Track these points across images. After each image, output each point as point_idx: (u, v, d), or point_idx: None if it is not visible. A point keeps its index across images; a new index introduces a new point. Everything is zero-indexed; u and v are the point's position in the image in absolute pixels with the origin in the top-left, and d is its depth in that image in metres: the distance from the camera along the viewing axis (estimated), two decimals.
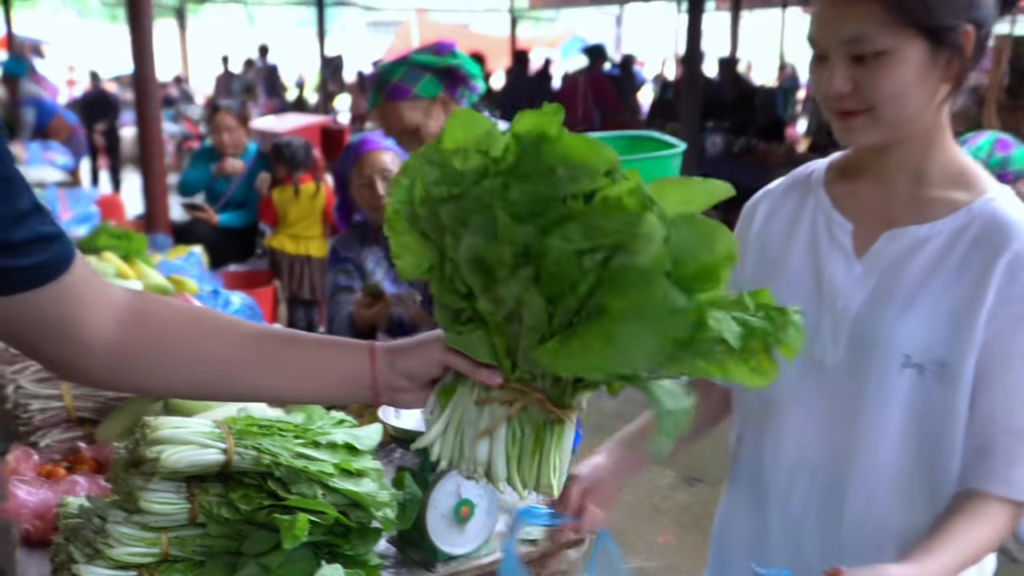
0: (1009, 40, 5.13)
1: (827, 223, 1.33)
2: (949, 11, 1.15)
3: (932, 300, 1.23)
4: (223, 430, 1.50)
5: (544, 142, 0.90)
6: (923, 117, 1.21)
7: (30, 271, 0.92)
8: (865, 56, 1.17)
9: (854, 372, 1.27)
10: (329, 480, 1.51)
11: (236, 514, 1.47)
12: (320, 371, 1.07)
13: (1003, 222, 1.20)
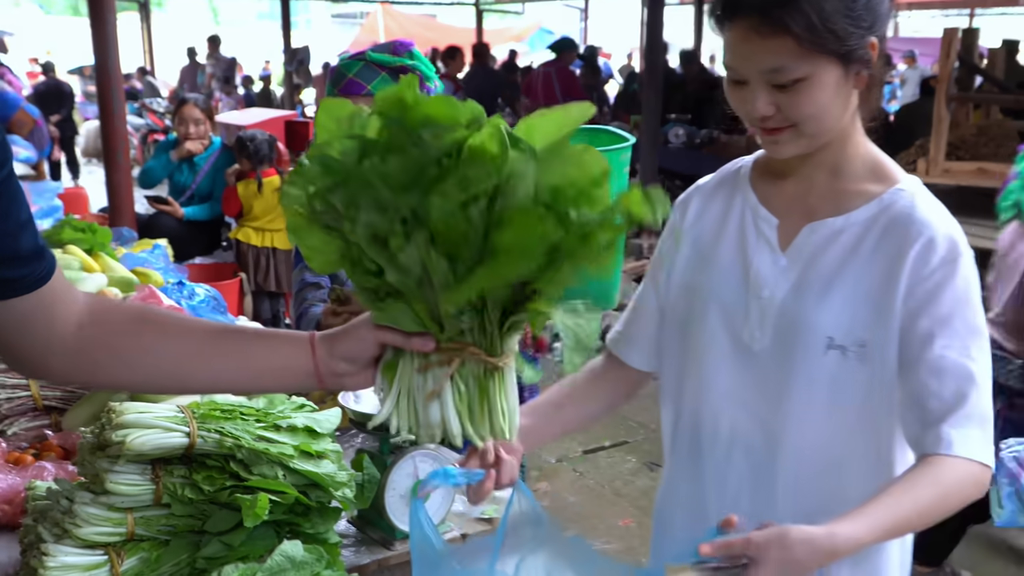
0: (958, 33, 5.26)
1: (754, 219, 1.42)
2: (856, 33, 1.23)
3: (850, 285, 1.31)
4: (186, 414, 1.56)
5: (404, 110, 0.95)
6: (839, 123, 1.31)
7: (26, 279, 0.99)
8: (785, 83, 1.25)
9: (781, 356, 1.36)
10: (289, 461, 1.58)
11: (199, 495, 1.53)
12: (265, 364, 1.15)
13: (912, 210, 1.30)
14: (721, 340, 1.41)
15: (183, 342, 1.13)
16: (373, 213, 0.97)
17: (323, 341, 1.14)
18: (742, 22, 1.24)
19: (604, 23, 24.56)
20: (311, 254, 1.06)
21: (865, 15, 1.23)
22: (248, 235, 5.29)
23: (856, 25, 1.23)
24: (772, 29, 1.22)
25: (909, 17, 28.08)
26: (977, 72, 5.60)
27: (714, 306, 1.42)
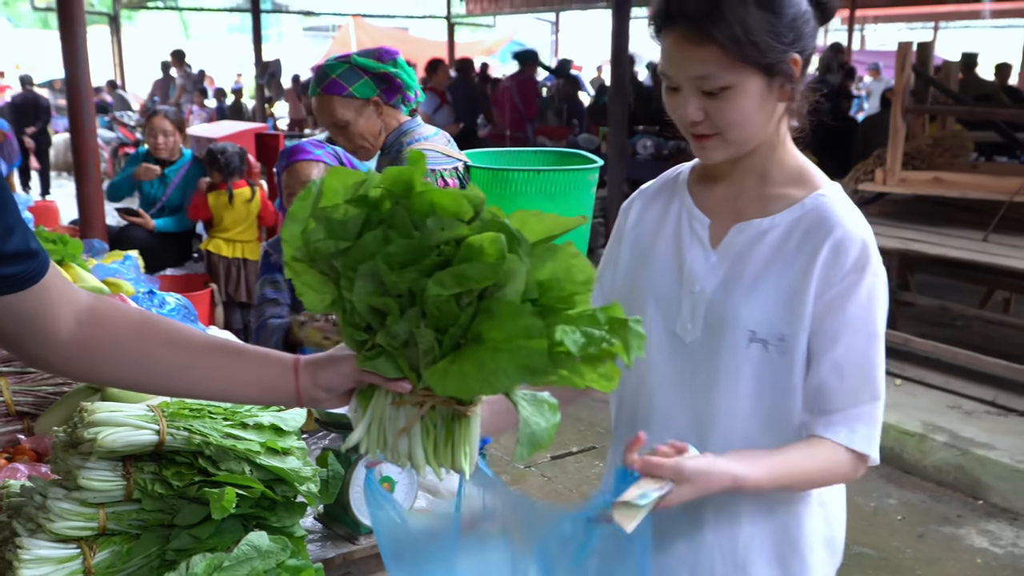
0: (912, 46, 5.41)
1: (689, 219, 1.52)
2: (779, 48, 1.32)
3: (772, 283, 1.41)
4: (156, 413, 1.62)
5: (411, 193, 1.05)
6: (765, 133, 1.40)
7: (16, 277, 1.08)
8: (713, 91, 1.35)
9: (710, 348, 1.46)
10: (256, 457, 1.65)
11: (169, 490, 1.59)
12: (252, 380, 1.23)
13: (828, 214, 1.40)
14: (657, 332, 1.50)
15: (178, 350, 1.21)
16: (371, 283, 1.05)
17: (307, 368, 1.21)
18: (675, 31, 1.35)
19: (575, 36, 24.77)
20: (304, 290, 1.13)
21: (787, 32, 1.32)
22: (219, 246, 5.33)
23: (779, 40, 1.32)
24: (701, 38, 1.31)
25: (875, 30, 28.53)
26: (931, 84, 5.75)
27: (651, 300, 1.52)
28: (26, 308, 1.11)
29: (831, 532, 1.51)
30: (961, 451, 4.38)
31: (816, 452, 1.38)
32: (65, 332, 1.16)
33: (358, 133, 2.75)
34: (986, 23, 20.42)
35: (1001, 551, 3.84)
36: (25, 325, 1.13)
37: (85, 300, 1.19)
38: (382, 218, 1.06)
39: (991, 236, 4.99)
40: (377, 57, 2.69)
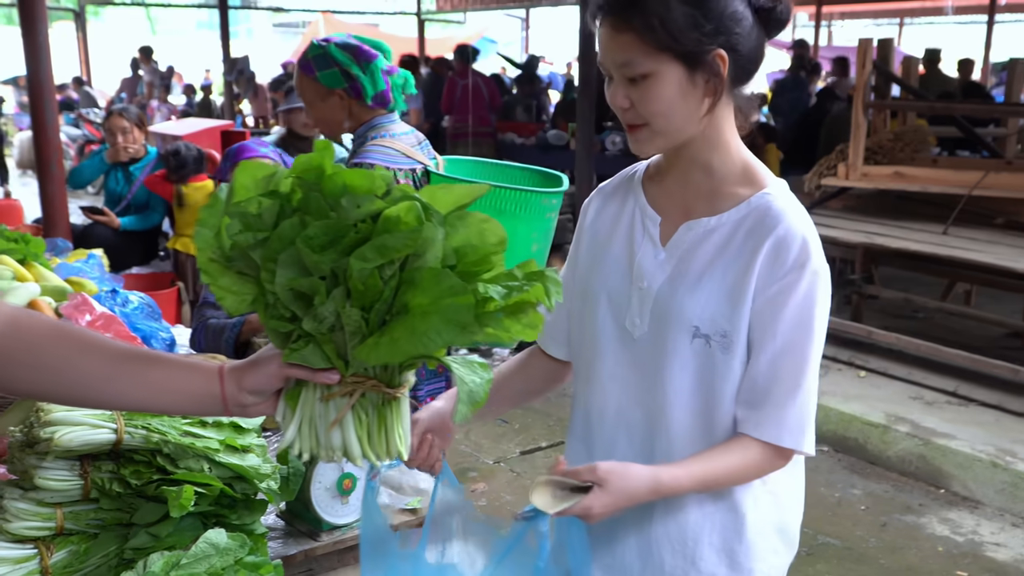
0: (873, 43, 5.47)
1: (642, 217, 1.55)
2: (694, 37, 1.35)
3: (716, 280, 1.44)
4: (113, 412, 1.62)
5: (323, 179, 1.07)
6: (692, 125, 1.42)
7: None
8: (636, 78, 1.38)
9: (656, 342, 1.49)
10: (215, 455, 1.65)
11: (127, 488, 1.59)
12: (176, 389, 1.22)
13: (771, 212, 1.42)
14: (608, 327, 1.53)
15: (100, 361, 1.20)
16: (293, 269, 1.07)
17: (231, 374, 1.21)
18: (604, 21, 1.39)
19: (545, 32, 24.79)
20: (223, 294, 1.14)
21: (707, 24, 1.34)
22: (186, 244, 5.30)
23: (698, 31, 1.34)
24: (622, 26, 1.36)
25: (842, 27, 28.78)
26: (892, 80, 5.83)
27: (603, 296, 1.55)
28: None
29: (783, 520, 1.54)
30: (923, 441, 4.45)
31: (736, 449, 1.42)
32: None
33: (317, 117, 2.79)
34: (949, 19, 20.66)
35: (962, 539, 3.91)
36: None
37: (4, 312, 1.17)
38: (296, 207, 1.08)
39: (951, 229, 5.07)
40: (353, 54, 2.69)
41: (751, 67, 1.42)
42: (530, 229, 2.64)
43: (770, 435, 1.41)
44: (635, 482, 1.32)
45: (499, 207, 2.58)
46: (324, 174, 1.07)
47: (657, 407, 1.49)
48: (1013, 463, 4.18)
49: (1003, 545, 3.86)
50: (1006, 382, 4.89)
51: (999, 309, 6.13)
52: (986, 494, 4.20)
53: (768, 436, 1.41)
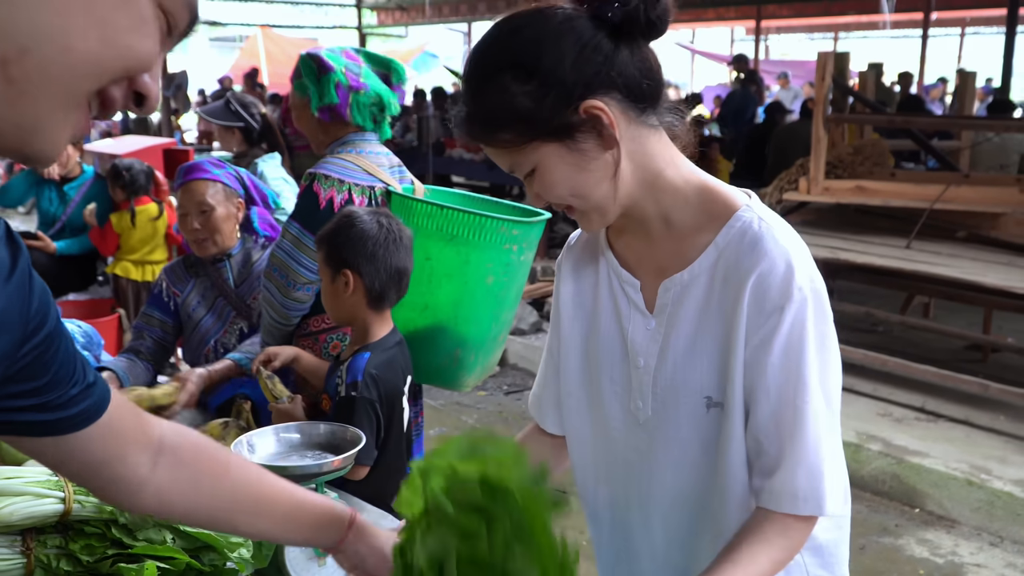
0: (832, 56, 5.44)
1: (619, 282, 1.35)
2: (546, 112, 1.17)
3: (709, 340, 1.26)
4: (61, 478, 1.42)
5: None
6: (613, 188, 1.23)
7: (75, 418, 0.99)
8: (528, 174, 1.24)
9: (666, 423, 1.31)
10: (179, 524, 1.45)
11: (77, 566, 1.39)
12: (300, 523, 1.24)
13: (745, 248, 1.22)
14: (616, 412, 1.37)
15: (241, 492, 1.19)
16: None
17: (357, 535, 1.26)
18: (469, 138, 1.27)
19: None
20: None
21: (551, 90, 1.16)
22: (127, 269, 5.03)
23: (547, 103, 1.17)
24: (482, 141, 1.24)
25: (778, 40, 29.31)
26: (850, 94, 5.81)
27: (606, 379, 1.38)
28: (89, 446, 1.02)
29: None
30: (896, 460, 4.38)
31: (769, 535, 1.22)
32: (135, 478, 1.09)
33: (300, 125, 2.72)
34: (884, 33, 21.10)
35: (942, 560, 3.83)
36: (90, 464, 1.04)
37: (159, 434, 1.12)
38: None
39: (913, 243, 5.04)
40: (316, 63, 2.58)
41: (646, 87, 1.21)
42: (484, 259, 2.47)
43: (786, 505, 1.21)
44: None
45: (451, 232, 2.42)
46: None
47: (672, 487, 1.34)
48: (988, 480, 4.13)
49: (984, 566, 3.79)
50: (972, 397, 4.86)
51: (957, 321, 6.14)
52: (962, 513, 4.13)
53: (785, 507, 1.21)
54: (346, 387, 2.09)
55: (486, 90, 1.20)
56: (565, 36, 1.17)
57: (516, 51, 1.19)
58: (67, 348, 0.96)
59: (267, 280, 2.49)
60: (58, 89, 0.70)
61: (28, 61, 0.67)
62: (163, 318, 2.86)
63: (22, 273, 0.87)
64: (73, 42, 0.69)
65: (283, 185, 3.96)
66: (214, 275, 2.82)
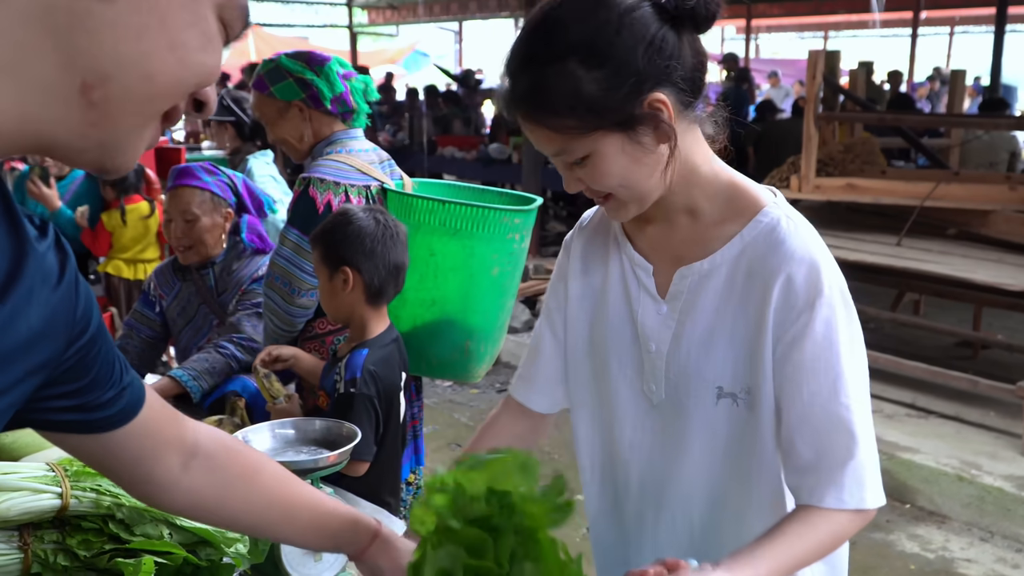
0: (822, 55, 5.46)
1: (632, 266, 1.36)
2: (616, 102, 1.16)
3: (728, 331, 1.27)
4: (58, 473, 1.42)
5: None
6: (659, 181, 1.24)
7: (113, 417, 1.00)
8: (576, 161, 1.22)
9: (678, 409, 1.32)
10: (176, 519, 1.46)
11: (75, 561, 1.40)
12: (325, 531, 1.24)
13: (773, 245, 1.24)
14: (625, 393, 1.38)
15: (278, 506, 1.20)
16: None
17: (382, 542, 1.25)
18: (518, 116, 1.23)
19: (478, 45, 24.73)
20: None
21: (624, 79, 1.16)
22: (119, 268, 5.02)
23: (619, 92, 1.16)
24: (536, 122, 1.21)
25: (769, 39, 29.37)
26: (840, 92, 5.84)
27: (614, 360, 1.38)
28: (125, 444, 1.04)
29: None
30: (887, 455, 4.40)
31: (811, 524, 1.22)
32: (168, 478, 1.10)
33: (278, 136, 2.64)
34: (873, 32, 21.18)
35: (932, 556, 3.86)
36: (125, 463, 1.06)
37: (196, 437, 1.13)
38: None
39: (904, 240, 5.06)
40: (305, 61, 2.55)
41: (697, 82, 1.22)
42: (489, 251, 2.47)
43: (829, 500, 1.22)
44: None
45: (454, 226, 2.42)
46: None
47: (688, 476, 1.34)
48: (978, 476, 4.15)
49: (974, 561, 3.82)
50: (963, 393, 4.88)
51: (947, 318, 6.17)
52: (952, 508, 4.16)
53: (828, 502, 1.22)
54: (345, 384, 2.10)
55: (549, 72, 1.16)
56: (636, 25, 1.15)
57: (586, 35, 1.15)
58: (107, 350, 0.97)
59: (269, 289, 2.48)
60: (139, 110, 0.73)
61: (110, 87, 0.70)
62: (154, 317, 2.88)
63: (70, 279, 0.88)
64: (153, 67, 0.71)
65: (270, 183, 3.96)
66: (198, 281, 2.83)
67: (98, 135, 0.72)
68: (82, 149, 0.73)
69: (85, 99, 0.69)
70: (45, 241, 0.85)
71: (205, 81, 0.77)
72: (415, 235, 2.38)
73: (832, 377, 1.21)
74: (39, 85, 0.68)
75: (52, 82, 0.68)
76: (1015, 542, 3.93)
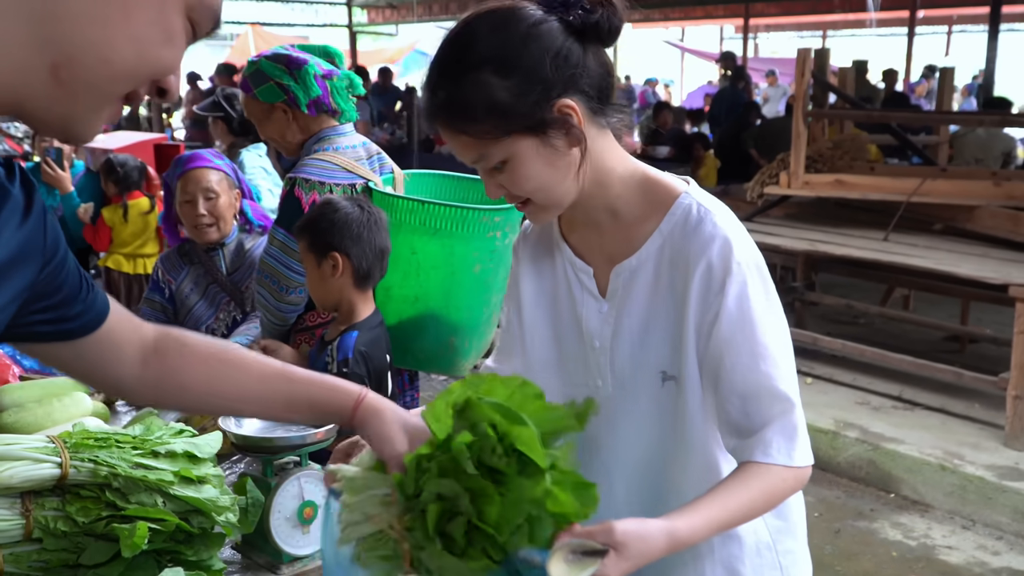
0: (811, 53, 5.54)
1: (573, 270, 1.45)
2: (526, 107, 1.24)
3: (661, 320, 1.36)
4: (58, 445, 1.50)
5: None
6: (574, 183, 1.32)
7: (86, 326, 1.15)
8: (495, 167, 1.30)
9: (626, 398, 1.41)
10: (169, 488, 1.54)
11: (74, 527, 1.47)
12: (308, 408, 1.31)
13: (687, 235, 1.32)
14: (573, 390, 1.45)
15: (242, 384, 1.28)
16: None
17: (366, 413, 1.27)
18: (437, 126, 1.31)
19: None
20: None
21: (533, 86, 1.24)
22: (119, 263, 5.10)
23: (528, 99, 1.24)
24: (453, 129, 1.28)
25: (767, 39, 29.41)
26: (830, 90, 5.91)
27: (569, 363, 1.48)
28: (89, 349, 1.17)
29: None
30: (872, 446, 4.48)
31: (744, 480, 1.30)
32: (130, 373, 1.23)
33: (266, 135, 2.72)
34: (871, 31, 21.24)
35: (915, 543, 3.94)
36: (90, 366, 1.20)
37: (149, 335, 1.25)
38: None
39: (891, 236, 5.14)
40: (285, 63, 2.60)
41: (604, 90, 1.31)
42: (470, 249, 2.53)
43: (758, 455, 1.31)
44: (653, 542, 1.19)
45: (434, 225, 2.47)
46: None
47: (636, 455, 1.43)
48: (961, 466, 4.23)
49: (955, 548, 3.90)
50: (949, 385, 4.96)
51: (936, 313, 6.24)
52: (935, 497, 4.24)
53: (757, 456, 1.31)
54: (337, 365, 2.18)
55: (464, 82, 1.25)
56: (543, 37, 1.25)
57: (497, 47, 1.25)
58: (74, 270, 1.10)
59: (260, 286, 2.56)
60: (98, 91, 0.84)
61: (74, 67, 0.81)
62: (165, 303, 2.97)
63: (38, 210, 1.01)
64: (112, 54, 0.82)
65: (261, 175, 4.05)
66: (207, 263, 2.91)
67: (62, 109, 0.83)
68: (47, 120, 0.84)
69: (54, 78, 0.80)
70: (14, 179, 0.97)
71: (161, 73, 0.87)
72: (397, 233, 2.44)
73: (749, 348, 1.29)
74: (16, 64, 0.79)
75: (27, 62, 0.79)
76: (995, 530, 4.02)
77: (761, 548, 1.45)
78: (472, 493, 1.09)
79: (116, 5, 0.81)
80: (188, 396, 1.29)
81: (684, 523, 1.23)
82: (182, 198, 2.84)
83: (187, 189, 2.83)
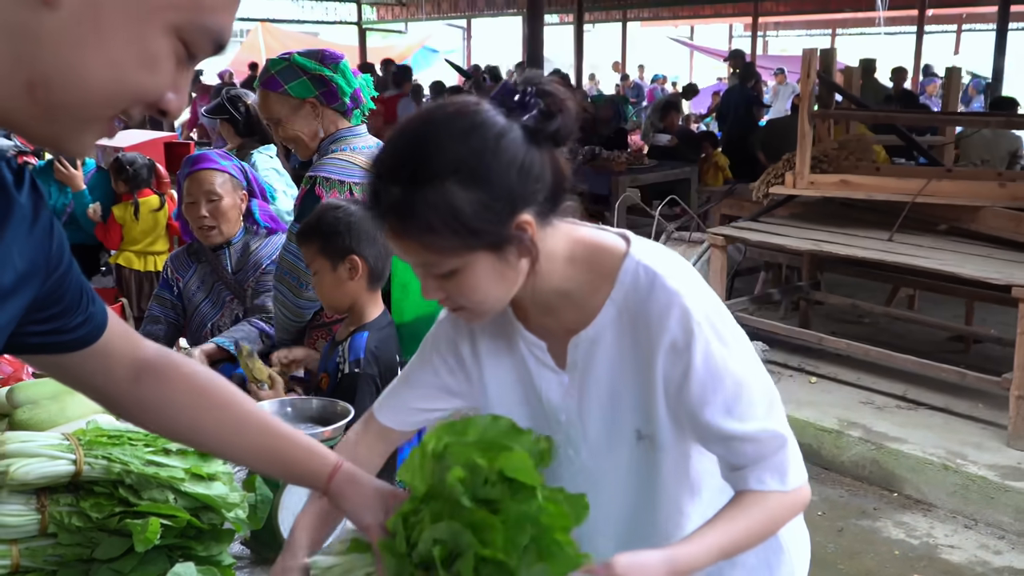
0: (816, 53, 5.55)
1: (527, 345, 1.41)
2: (491, 226, 1.18)
3: (630, 382, 1.35)
4: (72, 442, 1.54)
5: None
6: (516, 290, 1.29)
7: (83, 339, 1.14)
8: (442, 274, 1.23)
9: (604, 462, 1.42)
10: (180, 484, 1.58)
11: (88, 522, 1.52)
12: (282, 464, 1.32)
13: (641, 303, 1.29)
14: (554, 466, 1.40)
15: (230, 425, 1.28)
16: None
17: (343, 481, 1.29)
18: (384, 226, 1.23)
19: (487, 42, 24.82)
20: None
21: (499, 203, 1.18)
22: (130, 260, 5.16)
23: (493, 214, 1.18)
24: (405, 237, 1.21)
25: (776, 37, 29.38)
26: (835, 90, 5.92)
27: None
28: (84, 363, 1.17)
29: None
30: (875, 445, 4.51)
31: (743, 507, 1.31)
32: (119, 389, 1.22)
33: (292, 132, 2.70)
34: (879, 30, 21.21)
35: (917, 542, 3.96)
36: (83, 377, 1.20)
37: (147, 355, 1.24)
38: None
39: (896, 236, 5.15)
40: (320, 59, 2.65)
41: (559, 196, 1.25)
42: None
43: (752, 484, 1.32)
44: (652, 570, 1.20)
45: None
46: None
47: (607, 511, 1.43)
48: (964, 465, 4.26)
49: (957, 547, 3.92)
50: (952, 385, 4.98)
51: (941, 313, 6.26)
52: (938, 497, 4.26)
53: (752, 485, 1.32)
54: (349, 364, 2.22)
55: (427, 188, 1.17)
56: (510, 147, 1.18)
57: (466, 157, 1.17)
58: (77, 281, 1.11)
59: (279, 283, 2.61)
60: (77, 114, 0.80)
61: (50, 88, 0.77)
62: (174, 300, 3.03)
63: (44, 219, 1.00)
64: (88, 77, 0.78)
65: (274, 176, 4.09)
66: (214, 262, 2.97)
67: (45, 128, 0.81)
68: (34, 135, 0.82)
69: (31, 96, 0.78)
70: (23, 187, 0.96)
71: (144, 99, 0.82)
72: None
73: (722, 401, 1.28)
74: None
75: (7, 77, 0.77)
76: (997, 529, 4.04)
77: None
78: (473, 527, 1.10)
79: (89, 27, 0.76)
80: (169, 423, 1.27)
81: (684, 550, 1.25)
82: (187, 199, 2.90)
83: (191, 191, 2.88)
